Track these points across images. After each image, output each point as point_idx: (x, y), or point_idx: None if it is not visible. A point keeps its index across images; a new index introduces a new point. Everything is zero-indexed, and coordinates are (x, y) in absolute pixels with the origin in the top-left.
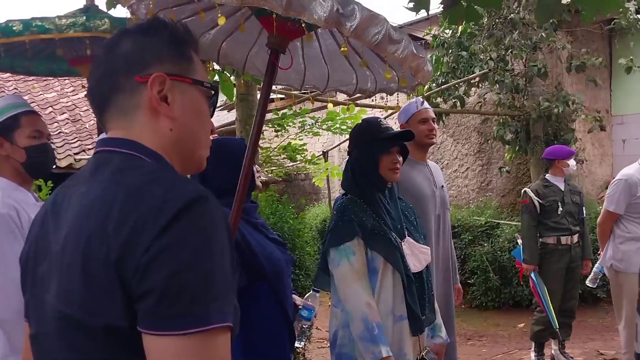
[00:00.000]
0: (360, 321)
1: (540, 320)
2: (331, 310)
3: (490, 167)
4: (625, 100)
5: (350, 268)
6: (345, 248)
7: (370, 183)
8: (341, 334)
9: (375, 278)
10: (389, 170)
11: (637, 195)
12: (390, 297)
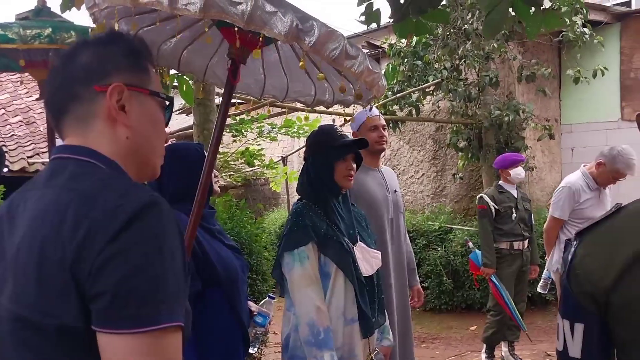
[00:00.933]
0: (307, 325)
1: (493, 324)
2: (284, 314)
3: (444, 173)
4: (573, 110)
5: (303, 272)
6: (299, 252)
7: (325, 189)
8: (293, 337)
9: (328, 282)
10: (344, 177)
11: (580, 201)
12: (341, 301)
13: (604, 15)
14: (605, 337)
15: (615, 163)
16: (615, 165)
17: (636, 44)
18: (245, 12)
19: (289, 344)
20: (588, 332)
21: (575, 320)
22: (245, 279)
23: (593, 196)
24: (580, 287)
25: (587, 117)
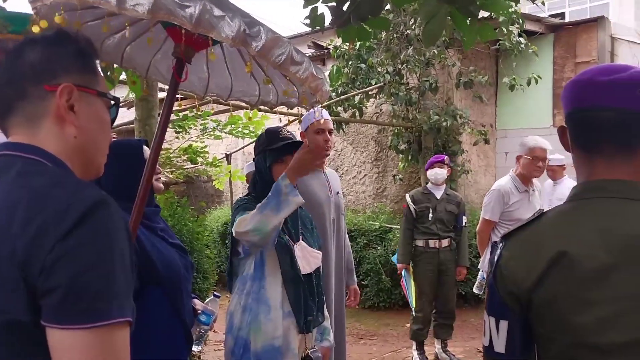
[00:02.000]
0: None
1: (418, 320)
2: (231, 298)
3: (385, 174)
4: (508, 116)
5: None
6: (239, 215)
7: (268, 189)
8: (239, 318)
9: (265, 272)
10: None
11: (509, 203)
12: (279, 293)
13: (538, 26)
14: (527, 333)
15: (526, 146)
16: (527, 148)
17: (568, 54)
18: (194, 15)
19: (233, 325)
20: (511, 329)
21: (500, 318)
22: (190, 278)
23: (521, 198)
24: (505, 287)
25: (521, 124)
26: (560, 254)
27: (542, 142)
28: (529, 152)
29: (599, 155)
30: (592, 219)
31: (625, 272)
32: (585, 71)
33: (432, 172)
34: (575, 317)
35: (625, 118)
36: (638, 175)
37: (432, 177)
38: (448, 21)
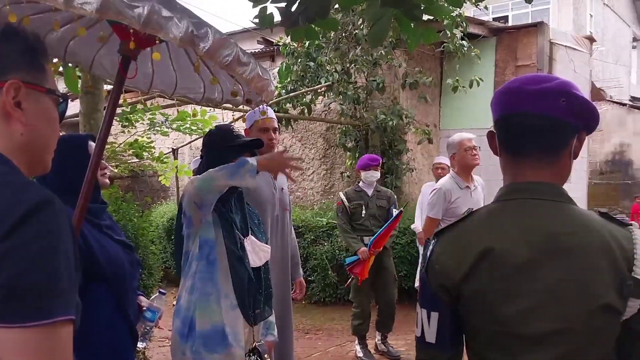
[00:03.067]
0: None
1: (357, 315)
2: (181, 284)
3: (333, 171)
4: (452, 117)
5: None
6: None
7: None
8: (186, 298)
9: (216, 265)
10: None
11: (452, 201)
12: (228, 285)
13: (482, 29)
14: (456, 324)
15: (454, 143)
16: (456, 144)
17: (509, 57)
18: (142, 15)
19: (181, 306)
20: (442, 320)
21: (432, 310)
22: (135, 275)
23: (462, 195)
24: (437, 280)
25: (463, 124)
26: (486, 249)
27: (465, 134)
28: (459, 147)
29: (525, 158)
30: (517, 217)
31: (545, 267)
32: (514, 80)
33: (368, 174)
34: (500, 309)
35: (550, 125)
36: (560, 178)
37: (367, 178)
38: (394, 23)
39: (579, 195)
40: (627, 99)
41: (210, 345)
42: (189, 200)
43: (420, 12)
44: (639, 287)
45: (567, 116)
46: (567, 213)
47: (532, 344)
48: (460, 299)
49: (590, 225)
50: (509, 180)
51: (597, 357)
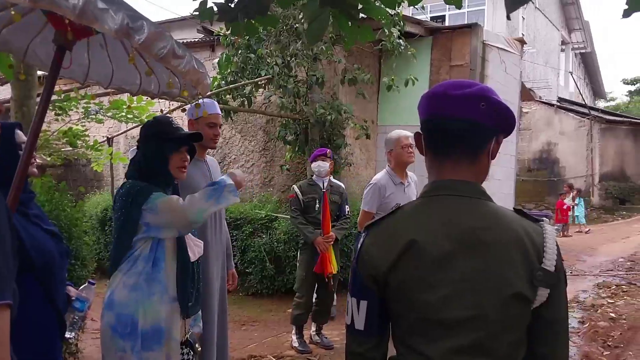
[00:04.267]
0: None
1: (299, 305)
2: (114, 276)
3: (273, 164)
4: (388, 113)
5: (169, 198)
6: (155, 196)
7: (156, 179)
8: (125, 295)
9: (160, 264)
10: (178, 168)
11: (386, 195)
12: (171, 278)
13: (418, 29)
14: (383, 312)
15: (391, 140)
16: (393, 141)
17: (444, 57)
18: (77, 6)
19: (114, 301)
20: (370, 308)
21: (361, 299)
22: (64, 265)
23: (396, 190)
24: (366, 271)
25: (400, 121)
26: (411, 241)
27: (403, 132)
28: (396, 144)
29: (448, 158)
30: (439, 212)
31: (463, 258)
32: (439, 85)
33: (315, 165)
34: (421, 296)
35: (472, 128)
36: (479, 176)
37: (316, 169)
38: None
39: (507, 192)
40: (555, 99)
41: (148, 344)
42: (172, 227)
43: (357, 11)
44: (547, 277)
45: (486, 120)
46: (484, 209)
47: (449, 329)
48: (387, 288)
49: (504, 221)
50: (433, 178)
51: (510, 342)
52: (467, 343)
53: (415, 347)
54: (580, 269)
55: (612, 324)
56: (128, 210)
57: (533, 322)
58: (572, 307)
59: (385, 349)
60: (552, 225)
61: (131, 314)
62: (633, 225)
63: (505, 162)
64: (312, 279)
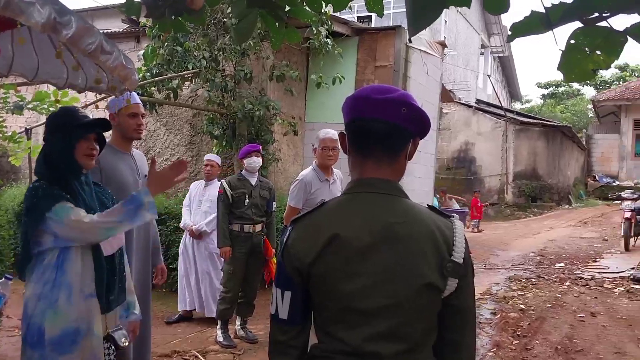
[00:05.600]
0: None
1: (226, 300)
2: (26, 285)
3: (199, 158)
4: (316, 110)
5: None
6: (59, 207)
7: (65, 169)
8: (33, 305)
9: (70, 258)
10: (85, 155)
11: (311, 192)
12: (79, 276)
13: (345, 29)
14: (306, 302)
15: (318, 139)
16: (319, 140)
17: (369, 57)
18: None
19: (27, 312)
20: (294, 298)
21: (285, 289)
22: None
23: (322, 187)
24: (291, 263)
25: (327, 118)
26: (333, 235)
27: (332, 133)
28: (321, 143)
29: (370, 158)
30: (360, 208)
31: (381, 251)
32: (363, 88)
33: (249, 160)
34: (343, 287)
35: (392, 130)
36: (397, 175)
37: (250, 165)
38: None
39: (427, 189)
40: (474, 101)
41: (61, 348)
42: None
43: (284, 13)
44: (456, 268)
45: (406, 123)
46: (401, 205)
47: (367, 317)
48: (310, 279)
49: (419, 217)
50: (356, 176)
51: (422, 328)
52: (383, 330)
53: (335, 334)
54: (493, 262)
55: (522, 315)
56: (32, 214)
57: (443, 310)
58: (485, 299)
59: (307, 337)
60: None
61: (38, 323)
62: (543, 221)
63: (425, 161)
64: (240, 274)
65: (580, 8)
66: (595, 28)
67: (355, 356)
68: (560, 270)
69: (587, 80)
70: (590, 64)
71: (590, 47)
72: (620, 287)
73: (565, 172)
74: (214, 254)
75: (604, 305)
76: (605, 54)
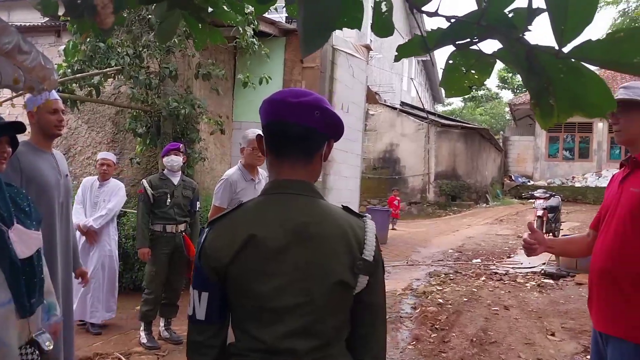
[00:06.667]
0: None
1: (149, 302)
2: None
3: (122, 157)
4: (243, 109)
5: None
6: None
7: None
8: None
9: None
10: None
11: (237, 191)
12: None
13: (272, 29)
14: (223, 302)
15: (246, 139)
16: (247, 140)
17: (296, 58)
18: None
19: None
20: (211, 298)
21: (203, 290)
22: None
23: (247, 187)
24: (208, 263)
25: (255, 117)
26: (250, 236)
27: (258, 132)
28: (250, 144)
29: (286, 160)
30: (276, 209)
31: (295, 251)
32: (279, 92)
33: (168, 159)
34: (258, 286)
35: (306, 132)
36: (312, 176)
37: (168, 163)
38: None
39: (353, 188)
40: (399, 103)
41: None
42: None
43: (207, 14)
44: (367, 266)
45: (320, 126)
46: (316, 206)
47: (281, 315)
48: (226, 280)
49: (332, 217)
50: (273, 177)
51: (335, 324)
52: (297, 327)
53: (250, 332)
54: (415, 259)
55: (440, 309)
56: None
57: (355, 306)
58: (406, 294)
59: (225, 336)
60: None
61: None
62: (462, 219)
63: (352, 161)
64: (162, 275)
65: (453, 34)
66: (469, 51)
67: (270, 353)
68: (477, 265)
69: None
70: (466, 81)
71: (466, 67)
72: (531, 282)
73: (483, 172)
74: (108, 256)
75: (516, 299)
76: (478, 73)
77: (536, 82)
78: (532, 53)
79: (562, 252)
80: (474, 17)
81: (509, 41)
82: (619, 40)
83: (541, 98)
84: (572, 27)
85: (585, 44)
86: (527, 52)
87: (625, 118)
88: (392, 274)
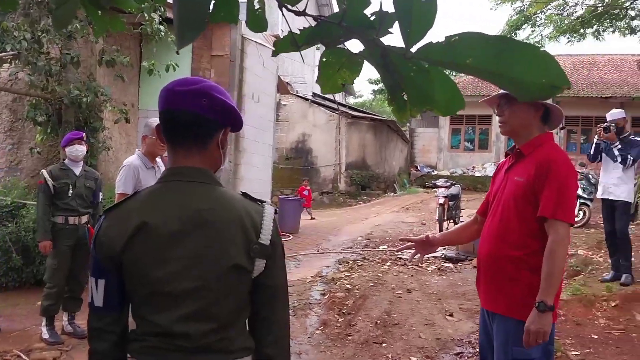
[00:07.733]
0: None
1: (51, 296)
2: None
3: (21, 146)
4: (150, 97)
5: None
6: None
7: None
8: None
9: None
10: None
11: (139, 178)
12: None
13: None
14: (121, 289)
15: (150, 127)
16: (151, 129)
17: (205, 46)
18: None
19: None
20: (107, 286)
21: (99, 277)
22: None
23: (148, 174)
24: (103, 252)
25: None
26: (142, 223)
27: (152, 122)
28: (153, 133)
29: (180, 147)
30: (172, 196)
31: (190, 237)
32: (171, 82)
33: (71, 149)
34: (153, 272)
35: (196, 120)
36: (208, 163)
37: (72, 153)
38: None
39: (265, 178)
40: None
41: None
42: None
43: (106, 1)
44: (263, 250)
45: (209, 113)
46: (211, 193)
47: (177, 299)
48: (122, 267)
49: (229, 203)
50: (169, 165)
51: (231, 307)
52: (192, 311)
53: (147, 317)
54: (325, 247)
55: (347, 294)
56: None
57: (255, 289)
58: (315, 281)
59: (124, 323)
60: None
61: None
62: (371, 208)
63: (263, 151)
64: (65, 268)
65: (320, 34)
66: (340, 49)
67: (166, 336)
68: (383, 252)
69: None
70: (339, 79)
71: (338, 65)
72: (432, 266)
73: (390, 163)
74: None
75: (418, 282)
76: (349, 71)
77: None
78: (386, 53)
79: (455, 242)
80: (337, 18)
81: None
82: (455, 43)
83: (396, 94)
84: (416, 31)
85: (427, 46)
86: (382, 52)
87: (509, 110)
88: (303, 262)
